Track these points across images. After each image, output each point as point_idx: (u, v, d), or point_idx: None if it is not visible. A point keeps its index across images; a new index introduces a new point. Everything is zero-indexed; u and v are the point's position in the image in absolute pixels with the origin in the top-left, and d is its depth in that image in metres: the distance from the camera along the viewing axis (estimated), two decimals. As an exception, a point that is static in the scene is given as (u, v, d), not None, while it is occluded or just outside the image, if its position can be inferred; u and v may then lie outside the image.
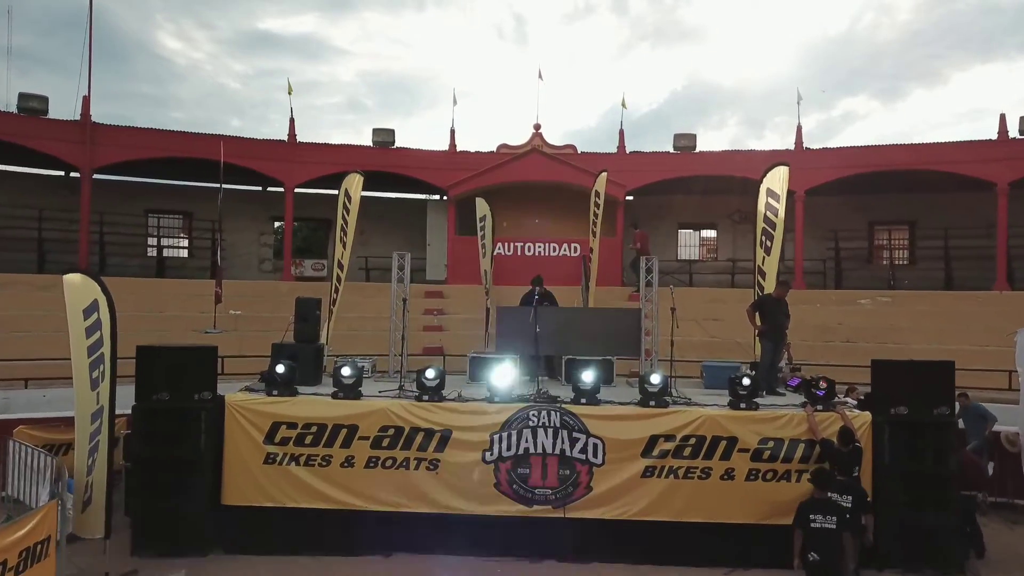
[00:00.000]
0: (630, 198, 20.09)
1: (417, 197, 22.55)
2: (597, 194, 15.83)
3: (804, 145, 18.59)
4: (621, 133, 19.32)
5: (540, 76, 19.70)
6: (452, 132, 19.53)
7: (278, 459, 8.38)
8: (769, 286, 11.42)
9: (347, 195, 12.55)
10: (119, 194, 21.01)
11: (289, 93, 18.54)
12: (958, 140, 18.43)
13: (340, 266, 12.46)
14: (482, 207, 16.05)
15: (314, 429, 8.43)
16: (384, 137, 18.98)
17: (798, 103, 18.42)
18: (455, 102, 19.62)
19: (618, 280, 18.56)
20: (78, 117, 17.65)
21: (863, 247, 21.54)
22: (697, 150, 19.07)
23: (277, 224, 23.32)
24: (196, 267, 21.39)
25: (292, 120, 18.84)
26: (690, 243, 23.79)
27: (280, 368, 8.67)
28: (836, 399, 8.81)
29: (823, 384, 8.59)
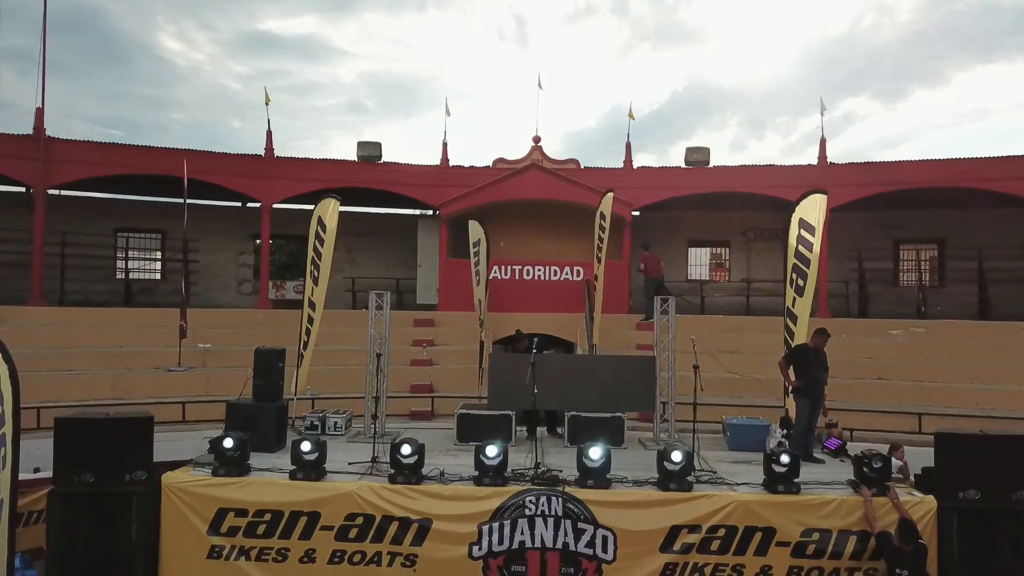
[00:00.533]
0: (636, 213, 18.82)
1: (408, 212, 21.28)
2: (602, 216, 14.55)
3: (828, 160, 17.24)
4: (628, 147, 18.05)
5: (540, 85, 18.47)
6: (444, 146, 18.27)
7: (224, 553, 7.13)
8: (801, 333, 10.13)
9: (320, 224, 11.26)
10: (85, 212, 19.76)
11: (266, 103, 17.30)
12: (993, 156, 17.13)
13: (312, 305, 11.16)
14: (476, 231, 14.76)
15: (268, 517, 7.17)
16: (370, 151, 17.71)
17: (822, 114, 17.21)
18: (448, 113, 18.35)
19: (624, 307, 17.28)
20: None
21: (888, 267, 20.25)
22: (711, 164, 17.78)
23: (258, 242, 22.04)
24: (169, 290, 20.08)
25: (269, 133, 17.60)
26: (701, 262, 22.51)
27: (228, 442, 7.38)
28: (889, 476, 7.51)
29: (876, 462, 7.28)
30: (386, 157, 18.58)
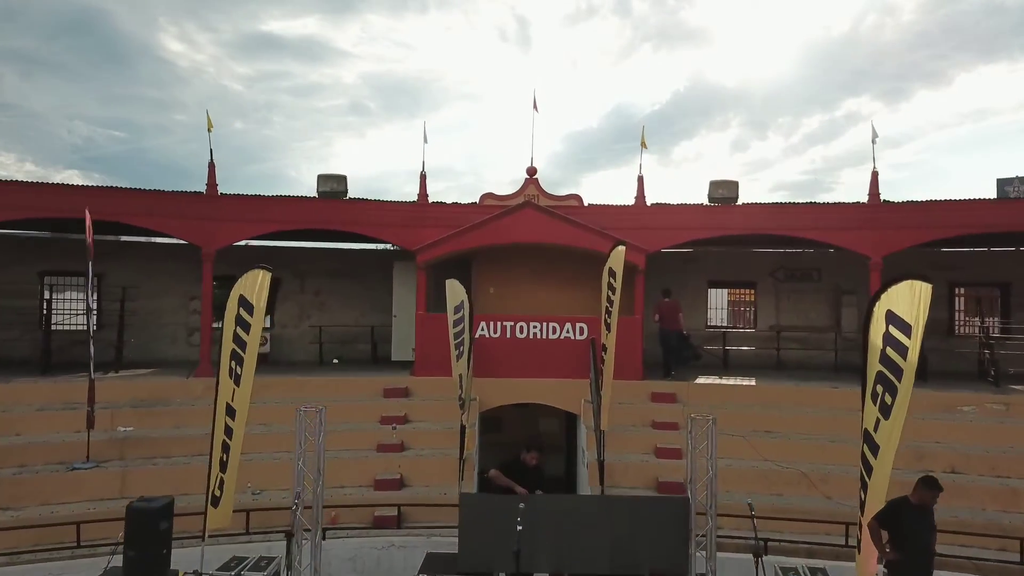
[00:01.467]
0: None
1: (388, 247, 18.72)
2: (611, 274, 12.00)
3: (881, 197, 14.68)
4: (640, 182, 15.48)
5: (535, 106, 15.90)
6: (423, 178, 15.71)
7: None
8: (884, 470, 7.49)
9: (244, 304, 8.67)
10: (6, 252, 17.24)
11: (209, 130, 14.74)
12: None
13: (231, 412, 8.56)
14: (456, 292, 12.21)
15: None
16: (333, 186, 15.16)
17: (873, 141, 14.60)
18: (425, 140, 15.81)
19: (638, 371, 14.74)
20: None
21: (942, 317, 17.68)
22: (739, 200, 15.20)
23: (214, 282, 19.47)
24: (106, 341, 17.48)
25: (212, 166, 15.02)
26: (722, 304, 19.97)
27: None
28: None
29: None
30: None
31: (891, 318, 7.50)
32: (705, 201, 15.27)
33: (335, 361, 18.66)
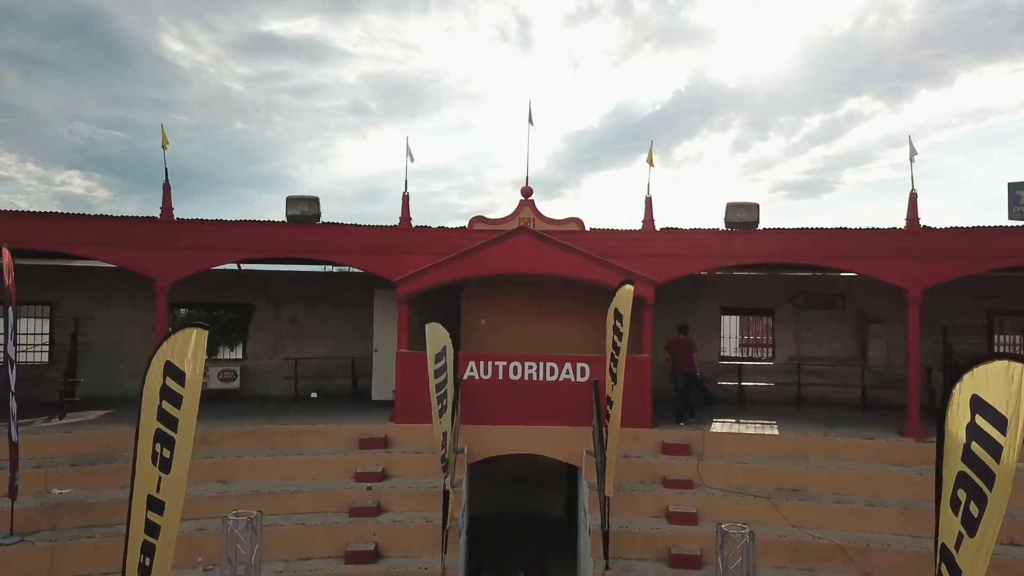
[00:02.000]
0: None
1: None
2: (618, 316, 10.50)
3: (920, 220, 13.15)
4: (648, 203, 13.94)
5: (531, 120, 14.37)
6: (405, 200, 14.17)
7: None
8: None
9: (174, 373, 7.14)
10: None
11: (164, 147, 13.21)
12: None
13: (156, 506, 7.02)
14: (437, 337, 10.69)
15: None
16: (304, 209, 13.61)
17: (911, 159, 13.05)
18: (411, 158, 14.25)
19: (646, 418, 13.24)
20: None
21: (979, 343, 16.11)
22: (760, 224, 13.66)
23: (183, 311, 17.96)
24: (55, 379, 15.94)
25: (167, 188, 13.49)
26: (737, 333, 18.46)
27: None
28: None
29: None
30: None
31: (978, 406, 5.96)
32: (721, 225, 13.73)
33: (313, 395, 17.16)
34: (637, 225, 14.17)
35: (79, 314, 16.07)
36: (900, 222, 13.27)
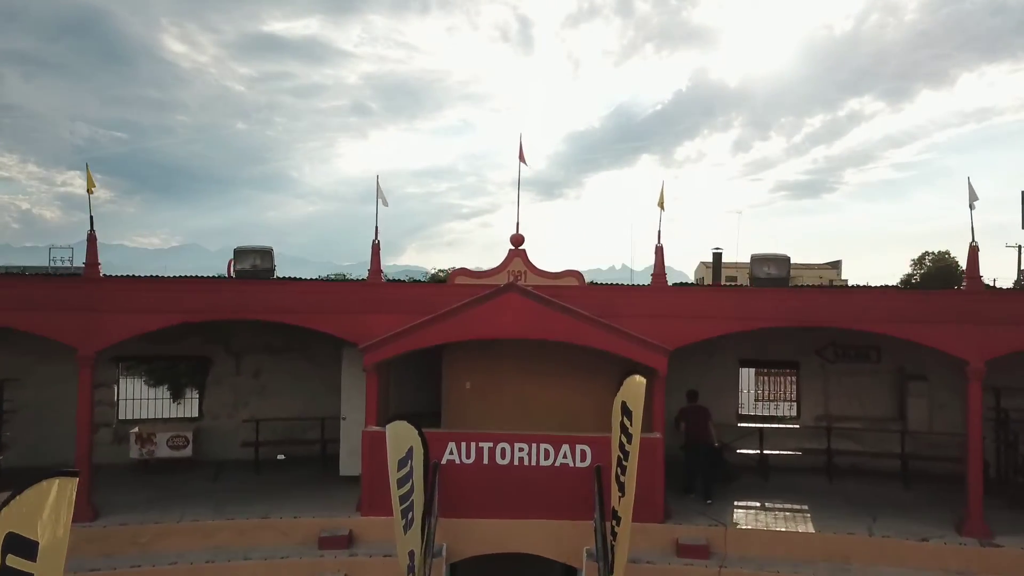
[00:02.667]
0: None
1: None
2: (625, 410, 8.48)
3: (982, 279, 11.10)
4: (659, 253, 11.89)
5: (521, 156, 12.32)
6: (375, 248, 12.14)
7: None
8: None
9: (20, 548, 5.10)
10: None
11: (89, 191, 11.19)
12: None
13: None
14: (401, 438, 8.68)
15: None
16: (255, 263, 11.61)
17: (971, 206, 11.00)
18: (384, 202, 12.23)
19: (657, 511, 11.22)
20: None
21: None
22: (791, 280, 11.63)
23: (122, 364, 15.90)
24: (-17, 444, 13.94)
25: (93, 239, 11.46)
26: (755, 387, 16.42)
27: None
28: None
29: None
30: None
31: None
32: (745, 280, 11.67)
33: (280, 457, 15.17)
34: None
35: (4, 374, 14.05)
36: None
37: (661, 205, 11.91)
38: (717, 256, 56.47)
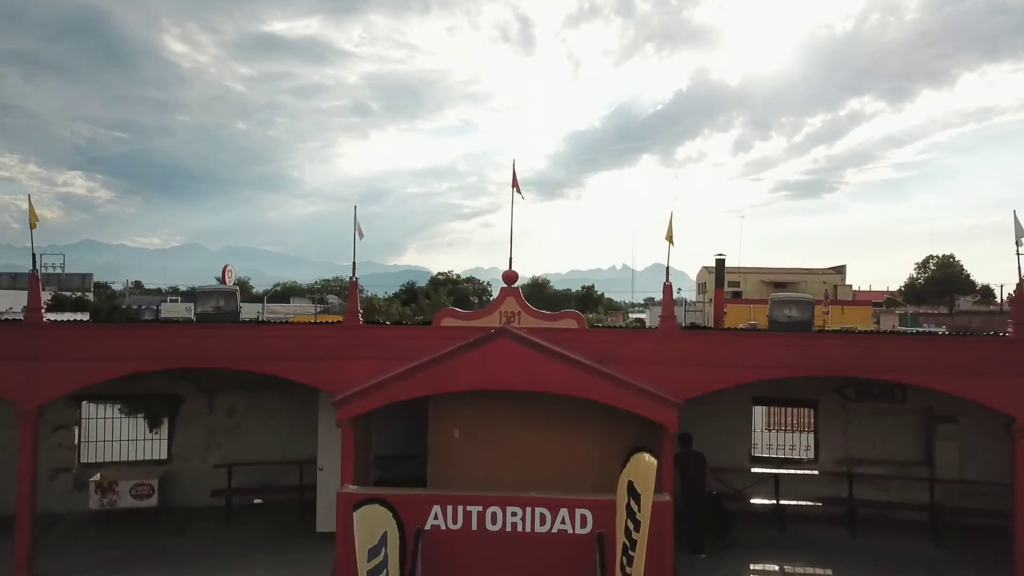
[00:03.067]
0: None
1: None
2: (632, 491, 7.30)
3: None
4: (668, 291, 10.69)
5: (517, 188, 11.11)
6: (353, 288, 10.93)
7: None
8: None
9: None
10: None
11: (32, 226, 10.00)
12: None
13: None
14: (373, 522, 7.50)
15: None
16: (218, 304, 10.41)
17: (1017, 243, 9.80)
18: (360, 234, 11.03)
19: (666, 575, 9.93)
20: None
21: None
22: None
23: (83, 402, 14.68)
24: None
25: (35, 279, 10.23)
26: (770, 427, 15.23)
27: None
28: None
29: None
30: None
31: None
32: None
33: (257, 502, 14.01)
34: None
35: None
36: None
37: (670, 239, 10.70)
38: (720, 262, 55.41)
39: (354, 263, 10.90)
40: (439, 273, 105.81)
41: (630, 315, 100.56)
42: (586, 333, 10.63)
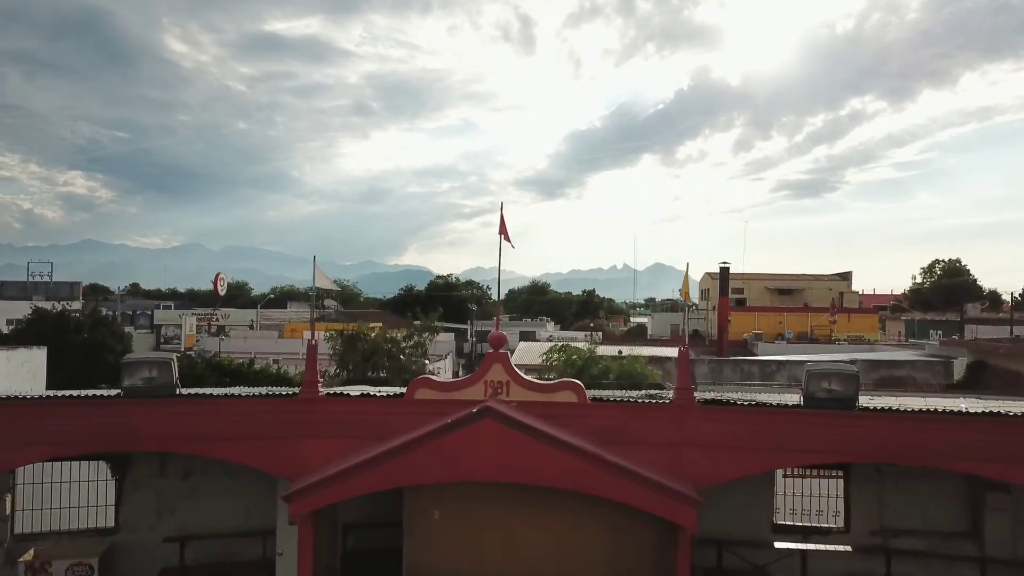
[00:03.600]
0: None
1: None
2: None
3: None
4: (683, 357, 8.98)
5: (505, 235, 9.43)
6: (312, 353, 9.23)
7: None
8: None
9: None
10: None
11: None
12: None
13: None
14: None
15: None
16: (149, 376, 8.67)
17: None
18: (321, 307, 9.31)
19: None
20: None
21: None
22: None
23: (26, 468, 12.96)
24: None
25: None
26: (794, 493, 13.51)
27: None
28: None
29: None
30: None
31: None
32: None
33: (215, 576, 12.32)
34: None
35: None
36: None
37: (685, 295, 9.02)
38: (724, 271, 53.66)
39: (312, 323, 9.24)
40: (438, 277, 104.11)
41: (632, 319, 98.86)
42: (588, 409, 8.92)
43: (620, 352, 32.01)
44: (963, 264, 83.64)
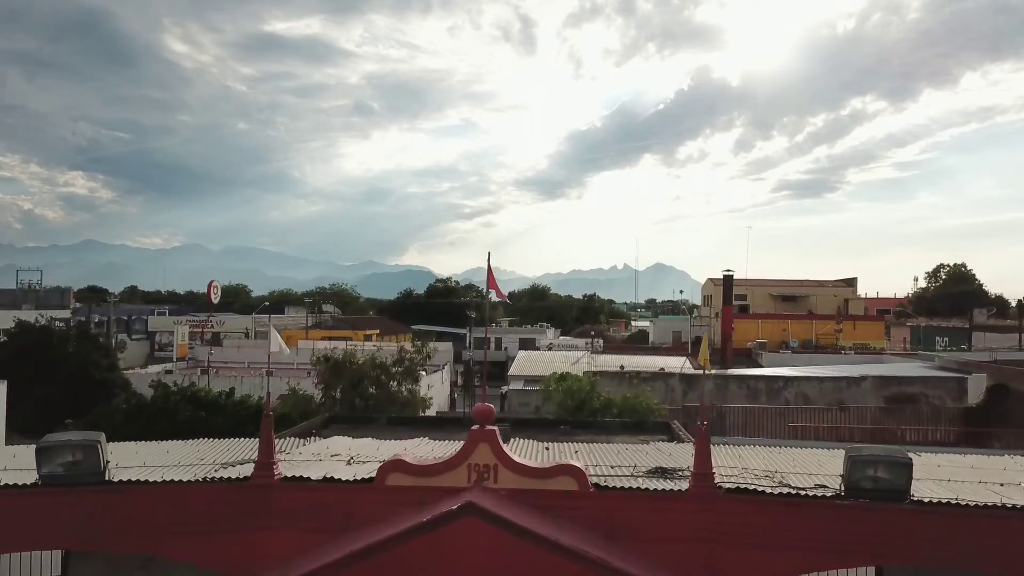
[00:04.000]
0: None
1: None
2: None
3: None
4: (702, 437, 7.59)
5: (494, 288, 8.06)
6: (267, 425, 7.85)
7: None
8: None
9: None
10: None
11: None
12: None
13: None
14: None
15: None
16: (71, 460, 7.27)
17: None
18: (270, 373, 8.06)
19: None
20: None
21: None
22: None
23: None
24: None
25: None
26: None
27: None
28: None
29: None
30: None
31: None
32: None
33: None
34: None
35: None
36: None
37: (705, 362, 7.65)
38: (728, 278, 52.16)
39: (267, 394, 7.84)
40: (438, 280, 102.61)
41: (633, 324, 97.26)
42: (589, 498, 7.53)
43: (622, 367, 30.68)
44: (969, 269, 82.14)
